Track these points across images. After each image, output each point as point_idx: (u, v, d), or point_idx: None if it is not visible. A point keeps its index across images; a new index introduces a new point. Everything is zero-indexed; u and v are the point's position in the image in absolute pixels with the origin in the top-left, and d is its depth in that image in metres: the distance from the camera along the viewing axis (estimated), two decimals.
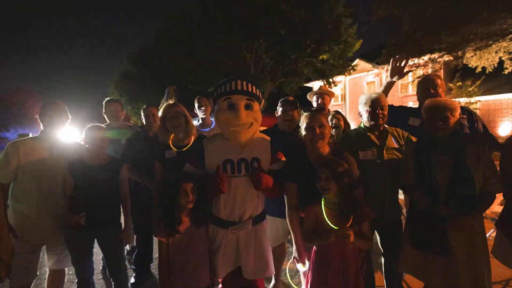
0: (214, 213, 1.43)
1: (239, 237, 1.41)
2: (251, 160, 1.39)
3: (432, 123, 1.40)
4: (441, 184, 1.35)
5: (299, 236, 1.41)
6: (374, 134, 1.64)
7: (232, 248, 1.41)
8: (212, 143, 1.45)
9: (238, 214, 1.40)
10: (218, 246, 1.41)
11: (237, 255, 1.41)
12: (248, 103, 1.35)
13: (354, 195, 1.33)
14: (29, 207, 1.58)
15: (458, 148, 1.35)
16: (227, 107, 1.34)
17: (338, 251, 1.30)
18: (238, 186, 1.38)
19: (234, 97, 1.33)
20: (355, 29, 12.31)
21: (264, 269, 1.43)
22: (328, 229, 1.26)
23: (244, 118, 1.32)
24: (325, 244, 1.31)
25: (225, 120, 1.34)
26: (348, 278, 1.30)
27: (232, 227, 1.38)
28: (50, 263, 1.72)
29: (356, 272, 1.33)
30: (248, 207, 1.40)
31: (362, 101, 1.69)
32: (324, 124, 1.42)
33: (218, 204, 1.41)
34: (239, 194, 1.38)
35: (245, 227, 1.40)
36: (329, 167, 1.28)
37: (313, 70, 12.83)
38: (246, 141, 1.39)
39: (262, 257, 1.44)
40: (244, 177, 1.39)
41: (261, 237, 1.45)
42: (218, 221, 1.42)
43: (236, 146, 1.40)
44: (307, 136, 1.42)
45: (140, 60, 17.71)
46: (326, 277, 1.31)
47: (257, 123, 1.40)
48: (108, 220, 1.71)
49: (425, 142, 1.48)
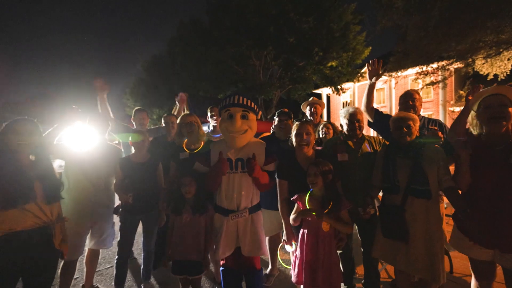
0: (217, 203, 1.76)
1: (238, 223, 1.71)
2: (247, 159, 1.67)
3: (398, 131, 1.66)
4: (401, 182, 1.61)
5: (288, 222, 1.72)
6: (352, 141, 2.00)
7: (233, 232, 1.71)
8: (216, 146, 1.78)
9: (236, 204, 1.70)
10: (220, 230, 1.71)
11: (236, 238, 1.72)
12: (244, 113, 1.67)
13: (336, 189, 1.64)
14: (84, 197, 1.94)
15: (417, 152, 1.61)
16: (227, 117, 1.68)
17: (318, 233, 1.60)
18: (235, 180, 1.70)
19: (232, 109, 1.67)
20: (364, 36, 12.34)
21: (258, 249, 1.73)
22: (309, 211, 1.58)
23: (239, 126, 1.63)
24: (308, 229, 1.62)
25: (225, 127, 1.68)
26: (326, 256, 1.58)
27: (231, 214, 1.69)
28: (91, 243, 2.05)
29: (334, 250, 1.61)
30: (244, 198, 1.70)
31: (342, 115, 2.05)
32: (310, 132, 1.75)
33: (220, 195, 1.73)
34: (236, 187, 1.70)
35: (242, 215, 1.69)
36: (317, 166, 1.58)
37: (321, 77, 12.93)
38: (243, 145, 1.69)
39: (256, 240, 1.73)
40: (241, 173, 1.71)
41: (256, 224, 1.75)
42: (220, 210, 1.74)
43: (235, 148, 1.70)
44: (296, 140, 1.75)
45: (154, 68, 18.36)
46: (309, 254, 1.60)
47: (251, 130, 1.71)
48: (150, 206, 2.11)
49: (392, 147, 1.75)
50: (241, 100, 1.68)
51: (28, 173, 1.40)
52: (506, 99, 1.41)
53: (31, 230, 1.38)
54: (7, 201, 1.31)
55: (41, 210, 1.42)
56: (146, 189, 2.07)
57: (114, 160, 2.10)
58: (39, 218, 1.42)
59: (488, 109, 1.44)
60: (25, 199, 1.36)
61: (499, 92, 1.44)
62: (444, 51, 7.81)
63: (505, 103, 1.41)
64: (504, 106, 1.40)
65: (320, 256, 1.57)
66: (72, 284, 2.04)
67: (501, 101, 1.41)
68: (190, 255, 1.76)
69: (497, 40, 7.13)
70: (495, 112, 1.41)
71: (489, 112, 1.43)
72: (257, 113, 1.78)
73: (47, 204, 1.45)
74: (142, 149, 2.10)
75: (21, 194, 1.35)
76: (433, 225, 1.58)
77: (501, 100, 1.41)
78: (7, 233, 1.32)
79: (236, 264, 1.75)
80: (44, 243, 1.44)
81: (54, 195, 1.49)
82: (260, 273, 1.78)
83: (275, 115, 2.30)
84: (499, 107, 1.40)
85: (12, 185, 1.33)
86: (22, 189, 1.35)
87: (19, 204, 1.34)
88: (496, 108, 1.41)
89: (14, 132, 1.38)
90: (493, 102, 1.43)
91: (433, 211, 1.59)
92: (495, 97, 1.43)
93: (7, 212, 1.32)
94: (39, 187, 1.42)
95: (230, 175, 1.70)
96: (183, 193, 1.78)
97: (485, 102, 1.46)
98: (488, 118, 1.43)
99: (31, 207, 1.38)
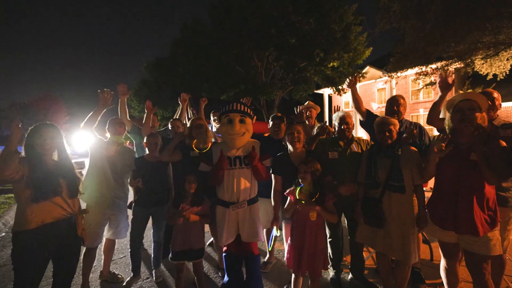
0: (219, 197, 2.02)
1: (238, 214, 1.97)
2: (244, 157, 1.97)
3: (381, 135, 1.92)
4: (380, 179, 1.88)
5: (278, 209, 2.02)
6: (343, 141, 2.25)
7: (234, 221, 1.97)
8: (217, 147, 2.05)
9: (236, 196, 1.96)
10: (223, 220, 1.97)
11: (237, 226, 1.99)
12: (242, 118, 1.95)
13: (323, 184, 1.86)
14: (105, 190, 2.22)
15: (395, 153, 1.86)
16: (227, 121, 1.96)
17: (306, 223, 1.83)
18: (235, 175, 1.96)
19: (231, 114, 1.94)
20: (365, 37, 12.34)
21: (256, 235, 2.00)
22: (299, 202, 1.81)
23: (238, 129, 1.92)
24: (298, 218, 1.86)
25: (225, 131, 1.96)
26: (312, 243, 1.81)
27: (232, 206, 1.95)
28: (109, 234, 2.32)
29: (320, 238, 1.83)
30: (242, 191, 1.97)
31: (334, 119, 2.33)
32: (300, 131, 2.03)
33: (222, 189, 1.99)
34: (236, 181, 1.96)
35: (241, 206, 1.96)
36: (307, 164, 1.82)
37: (323, 78, 12.95)
38: (242, 145, 1.98)
39: (254, 227, 2.00)
40: (239, 169, 1.97)
41: (254, 214, 2.02)
42: (222, 202, 2.00)
43: (233, 148, 1.98)
44: (288, 139, 2.03)
45: (157, 69, 18.56)
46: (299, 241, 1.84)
47: (248, 133, 2.00)
48: (160, 200, 2.36)
49: (375, 147, 2.01)
50: (239, 106, 1.97)
51: (54, 172, 1.62)
52: (476, 104, 1.62)
53: (59, 221, 1.61)
54: (40, 195, 1.53)
55: (66, 203, 1.65)
56: (157, 186, 2.32)
57: (129, 160, 2.37)
58: (65, 210, 1.65)
59: (459, 112, 1.64)
60: (54, 194, 1.58)
61: (469, 98, 1.64)
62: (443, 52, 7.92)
63: (474, 107, 1.61)
64: (473, 110, 1.60)
65: (306, 242, 1.80)
66: (91, 271, 2.29)
67: (471, 105, 1.61)
68: (193, 244, 1.98)
69: (495, 41, 7.21)
70: (464, 115, 1.61)
71: (460, 115, 1.63)
72: (253, 118, 2.04)
73: (70, 198, 1.67)
74: (154, 150, 2.34)
75: (51, 189, 1.57)
76: (406, 214, 1.85)
77: (471, 105, 1.62)
78: (40, 224, 1.54)
79: (237, 250, 1.99)
80: (70, 231, 1.68)
81: (75, 190, 1.71)
82: (258, 258, 2.03)
83: (270, 119, 2.58)
84: (468, 111, 1.61)
85: (43, 182, 1.54)
86: (51, 185, 1.57)
87: (49, 197, 1.57)
88: (466, 111, 1.61)
89: (39, 136, 1.58)
90: (464, 106, 1.63)
91: (406, 202, 1.85)
92: (466, 102, 1.64)
93: (40, 205, 1.54)
94: (64, 183, 1.64)
95: (230, 171, 1.96)
96: (187, 188, 2.00)
97: (457, 106, 1.66)
98: (458, 120, 1.64)
99: (58, 201, 1.61)
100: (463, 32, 6.45)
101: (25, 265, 1.51)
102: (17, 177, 1.48)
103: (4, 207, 4.71)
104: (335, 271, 2.29)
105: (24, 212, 1.52)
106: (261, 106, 13.78)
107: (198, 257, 2.02)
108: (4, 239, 3.50)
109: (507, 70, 8.23)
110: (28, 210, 1.51)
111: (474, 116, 1.60)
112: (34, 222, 1.52)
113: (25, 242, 1.51)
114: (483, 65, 8.31)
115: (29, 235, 1.51)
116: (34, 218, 1.52)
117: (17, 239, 1.52)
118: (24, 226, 1.51)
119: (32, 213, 1.52)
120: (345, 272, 2.42)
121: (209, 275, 2.49)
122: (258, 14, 11.46)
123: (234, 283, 1.98)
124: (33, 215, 1.52)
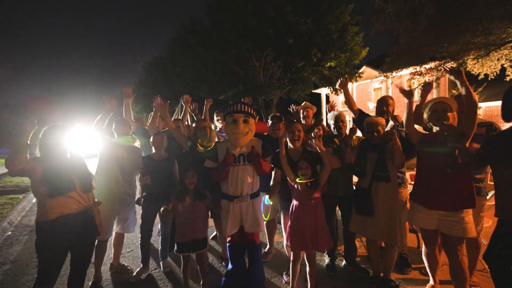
0: (224, 191, 2.17)
1: (241, 206, 2.12)
2: (247, 155, 2.11)
3: (370, 134, 2.19)
4: (368, 171, 2.16)
5: (275, 191, 2.20)
6: (338, 138, 2.47)
7: (237, 213, 2.13)
8: (222, 145, 2.19)
9: (239, 191, 2.11)
10: (227, 213, 2.13)
11: (240, 218, 2.14)
12: (245, 119, 2.09)
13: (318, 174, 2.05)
14: (114, 187, 2.38)
15: (382, 148, 2.12)
16: (231, 121, 2.09)
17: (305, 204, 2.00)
18: (239, 171, 2.11)
19: (236, 115, 2.08)
20: (362, 37, 12.52)
21: (258, 226, 2.16)
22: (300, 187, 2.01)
23: (242, 129, 2.06)
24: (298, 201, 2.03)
25: (230, 130, 2.10)
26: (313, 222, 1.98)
27: (236, 199, 2.10)
28: (118, 228, 2.47)
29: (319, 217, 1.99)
30: (245, 186, 2.12)
31: (329, 117, 2.58)
32: (300, 130, 2.20)
33: (227, 184, 2.14)
34: (239, 177, 2.10)
35: (245, 200, 2.11)
36: (307, 161, 2.00)
37: (320, 78, 13.10)
38: (245, 143, 2.13)
39: (256, 219, 2.15)
40: (243, 165, 2.11)
41: (256, 207, 2.17)
42: (227, 196, 2.15)
43: (238, 146, 2.12)
44: (289, 137, 2.20)
45: (155, 69, 18.53)
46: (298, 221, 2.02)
47: (251, 132, 2.14)
48: (167, 196, 2.43)
49: (365, 143, 2.27)
50: (243, 107, 2.12)
51: (67, 169, 1.76)
52: (448, 106, 1.89)
53: (76, 213, 1.77)
54: (55, 191, 1.68)
55: (81, 197, 1.80)
56: (164, 183, 2.46)
57: (136, 159, 2.52)
58: (81, 203, 1.80)
59: (434, 113, 1.91)
60: (68, 189, 1.73)
61: (443, 101, 1.91)
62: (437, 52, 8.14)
63: (447, 109, 1.88)
64: (446, 111, 1.88)
65: (308, 220, 1.98)
66: (103, 263, 2.43)
67: (444, 107, 1.88)
68: (196, 234, 2.14)
69: (486, 41, 7.45)
70: (439, 115, 1.88)
71: (435, 115, 1.90)
72: (255, 118, 2.20)
73: (84, 193, 1.82)
74: (161, 149, 2.50)
75: (66, 185, 1.72)
76: (392, 201, 2.10)
77: (444, 107, 1.89)
78: (59, 215, 1.69)
79: (240, 240, 2.16)
80: (86, 223, 1.83)
81: (89, 185, 1.86)
82: (259, 247, 2.19)
83: (269, 118, 2.75)
84: (442, 112, 1.88)
85: (56, 179, 1.69)
86: (65, 181, 1.72)
87: (65, 192, 1.71)
88: (440, 112, 1.88)
89: (51, 137, 1.72)
90: (438, 108, 1.90)
91: (391, 191, 2.11)
92: (440, 104, 1.90)
93: (57, 199, 1.69)
94: (77, 179, 1.79)
95: (234, 167, 2.11)
96: (187, 184, 2.17)
97: (433, 108, 1.93)
98: (434, 120, 1.91)
99: (73, 195, 1.76)
100: (454, 34, 6.66)
101: (48, 252, 1.67)
102: (29, 170, 1.62)
103: (8, 207, 4.81)
104: (330, 258, 2.48)
105: (44, 205, 1.67)
106: (260, 106, 13.91)
107: (202, 247, 2.17)
108: (11, 237, 3.62)
109: (498, 70, 8.44)
110: (48, 204, 1.67)
111: (447, 115, 1.87)
112: (54, 214, 1.67)
113: (47, 231, 1.66)
114: (475, 65, 8.49)
115: (50, 225, 1.66)
116: (53, 210, 1.67)
117: (40, 229, 1.68)
118: (45, 217, 1.66)
119: (52, 206, 1.67)
120: (339, 260, 2.61)
121: (213, 265, 2.66)
122: (256, 15, 11.58)
123: (237, 270, 2.14)
124: (53, 208, 1.67)
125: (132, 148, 2.60)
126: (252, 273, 2.14)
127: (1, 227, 3.84)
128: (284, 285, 2.28)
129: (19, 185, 7.23)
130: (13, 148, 1.58)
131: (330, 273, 2.42)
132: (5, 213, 4.47)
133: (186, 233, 2.13)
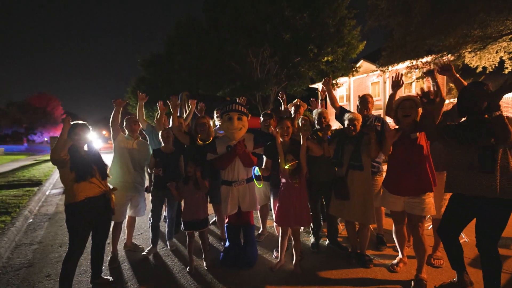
0: (223, 178, 2.53)
1: (239, 190, 2.52)
2: (227, 146, 2.48)
3: (348, 128, 2.46)
4: (345, 161, 2.46)
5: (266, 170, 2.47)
6: (321, 131, 2.69)
7: (235, 196, 2.52)
8: (220, 139, 2.58)
9: (236, 176, 2.51)
10: (227, 196, 2.50)
11: (238, 200, 2.53)
12: (239, 116, 2.46)
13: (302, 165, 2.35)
14: (127, 176, 2.74)
15: (357, 140, 2.41)
16: (227, 119, 2.47)
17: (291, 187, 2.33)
18: (236, 160, 2.47)
19: (231, 113, 2.46)
20: (359, 31, 12.44)
21: (254, 206, 2.57)
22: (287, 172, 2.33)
23: (236, 125, 2.43)
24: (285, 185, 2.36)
25: (226, 126, 2.48)
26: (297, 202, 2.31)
27: (234, 183, 2.50)
28: (130, 212, 2.84)
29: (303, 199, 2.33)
30: (241, 172, 2.53)
31: (314, 114, 2.86)
32: (289, 126, 2.46)
33: (226, 172, 2.53)
34: (236, 165, 2.49)
35: (241, 183, 2.47)
36: (293, 152, 2.29)
37: (317, 73, 13.11)
38: (239, 137, 2.42)
39: (252, 200, 2.55)
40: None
41: (251, 190, 2.57)
42: (226, 182, 2.54)
43: (233, 140, 2.48)
44: (279, 132, 2.43)
45: (153, 66, 18.53)
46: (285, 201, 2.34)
47: (244, 128, 2.51)
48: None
49: (343, 137, 2.52)
50: (237, 107, 2.48)
51: (88, 159, 2.12)
52: (414, 103, 2.16)
53: (98, 196, 2.13)
54: (80, 177, 2.04)
55: (100, 183, 2.16)
56: (171, 172, 2.78)
57: (145, 151, 2.89)
58: (101, 188, 2.16)
59: (402, 110, 2.20)
60: (90, 175, 2.09)
61: (410, 98, 2.19)
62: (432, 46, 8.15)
63: (413, 106, 2.16)
64: (412, 108, 2.16)
65: (293, 201, 2.32)
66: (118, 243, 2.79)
67: (410, 104, 2.16)
68: (199, 215, 2.46)
69: (483, 34, 7.31)
70: (405, 112, 2.17)
71: (402, 111, 2.19)
72: (248, 116, 2.56)
73: (102, 180, 2.18)
74: (168, 143, 2.83)
75: (88, 172, 2.08)
76: (365, 187, 2.42)
77: (410, 104, 2.16)
78: (84, 197, 2.05)
79: (236, 221, 2.53)
80: (105, 205, 2.19)
81: (105, 173, 2.23)
82: (253, 227, 2.59)
83: (261, 115, 3.09)
84: (408, 109, 2.16)
85: (82, 167, 2.05)
86: (87, 169, 2.08)
87: (88, 178, 2.07)
88: (407, 109, 2.16)
89: (75, 133, 2.07)
90: (405, 105, 2.18)
91: (365, 178, 2.42)
92: (408, 101, 2.18)
93: (82, 184, 2.04)
94: (95, 168, 2.15)
95: None
96: (189, 172, 2.48)
97: (401, 105, 2.20)
98: (401, 115, 2.20)
99: (94, 181, 2.12)
100: (449, 27, 6.65)
101: (76, 227, 2.04)
102: (65, 159, 1.98)
103: (26, 198, 5.20)
104: (315, 237, 2.85)
105: (72, 189, 2.03)
106: (257, 101, 14.05)
107: (203, 226, 2.52)
108: (33, 223, 4.04)
109: (496, 63, 8.34)
110: (75, 188, 2.02)
111: (414, 111, 2.16)
112: (80, 196, 2.03)
113: (75, 211, 2.03)
114: (473, 58, 8.30)
115: (77, 206, 2.02)
116: (80, 193, 2.03)
117: (69, 209, 2.04)
118: (73, 199, 2.02)
119: (79, 190, 2.03)
120: (323, 240, 2.99)
121: (213, 245, 3.05)
122: (253, 11, 11.54)
123: (234, 246, 2.53)
124: (80, 192, 2.03)
125: (142, 142, 2.96)
126: (246, 249, 2.52)
127: (23, 215, 4.24)
128: (274, 259, 2.64)
129: (32, 179, 7.62)
130: (58, 142, 1.94)
131: (314, 250, 2.78)
132: (25, 203, 4.88)
133: (190, 213, 2.48)
